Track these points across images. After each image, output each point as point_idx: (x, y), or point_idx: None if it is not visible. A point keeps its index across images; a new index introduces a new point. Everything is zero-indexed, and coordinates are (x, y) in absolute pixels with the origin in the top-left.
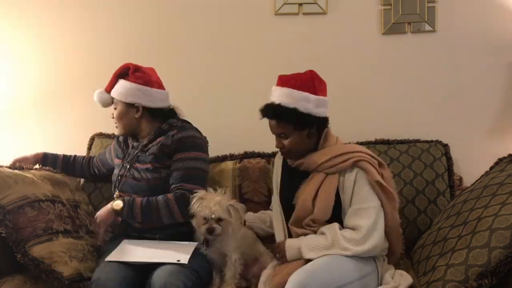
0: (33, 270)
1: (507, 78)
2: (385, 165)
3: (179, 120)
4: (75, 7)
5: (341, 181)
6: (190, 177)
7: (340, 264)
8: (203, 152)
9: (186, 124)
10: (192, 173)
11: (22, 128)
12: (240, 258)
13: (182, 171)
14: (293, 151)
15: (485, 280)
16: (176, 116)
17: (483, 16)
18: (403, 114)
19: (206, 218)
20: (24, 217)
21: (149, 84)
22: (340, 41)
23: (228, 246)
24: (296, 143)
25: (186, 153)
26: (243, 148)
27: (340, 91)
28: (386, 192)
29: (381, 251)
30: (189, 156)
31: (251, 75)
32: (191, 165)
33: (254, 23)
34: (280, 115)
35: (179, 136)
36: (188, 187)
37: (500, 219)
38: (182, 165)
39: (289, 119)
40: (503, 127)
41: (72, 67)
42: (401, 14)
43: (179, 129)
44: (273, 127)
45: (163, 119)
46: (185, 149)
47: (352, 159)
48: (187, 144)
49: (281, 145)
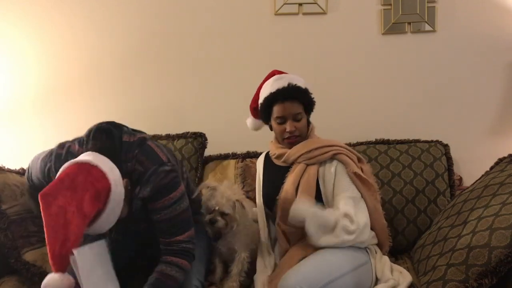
0: (25, 273)
1: (507, 78)
2: (363, 160)
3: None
4: (75, 6)
5: (321, 172)
6: (178, 225)
7: (330, 260)
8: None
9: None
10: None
11: (22, 127)
12: (248, 256)
13: (167, 222)
14: (302, 135)
15: (485, 280)
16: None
17: (483, 16)
18: (403, 114)
19: (212, 209)
20: (24, 230)
21: None
22: (340, 41)
23: (239, 242)
24: (304, 126)
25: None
26: (245, 147)
27: (340, 91)
28: (366, 184)
29: (368, 238)
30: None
31: (251, 75)
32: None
33: (254, 23)
34: (302, 94)
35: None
36: (182, 239)
37: (500, 219)
38: (164, 214)
39: (305, 99)
40: (503, 127)
41: (72, 67)
42: (401, 14)
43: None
44: (291, 108)
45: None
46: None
47: (331, 151)
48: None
49: (294, 128)
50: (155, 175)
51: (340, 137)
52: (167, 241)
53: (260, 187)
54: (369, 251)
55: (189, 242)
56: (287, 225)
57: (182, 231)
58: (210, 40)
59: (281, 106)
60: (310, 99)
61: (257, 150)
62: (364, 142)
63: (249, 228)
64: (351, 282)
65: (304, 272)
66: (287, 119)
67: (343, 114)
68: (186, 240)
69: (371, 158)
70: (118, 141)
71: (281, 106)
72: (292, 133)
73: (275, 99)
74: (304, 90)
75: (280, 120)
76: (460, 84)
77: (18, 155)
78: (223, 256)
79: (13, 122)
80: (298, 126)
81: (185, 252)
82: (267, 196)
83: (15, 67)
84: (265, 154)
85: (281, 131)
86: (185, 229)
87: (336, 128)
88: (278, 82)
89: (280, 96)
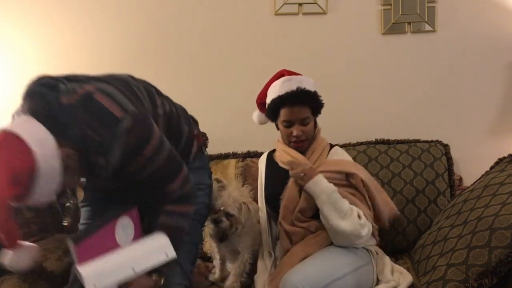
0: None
1: (507, 78)
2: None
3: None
4: (75, 6)
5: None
6: (166, 174)
7: (332, 260)
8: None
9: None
10: (164, 170)
11: None
12: (250, 258)
13: (151, 178)
14: (309, 139)
15: (485, 280)
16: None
17: (483, 16)
18: (403, 114)
19: (217, 208)
20: (21, 218)
21: None
22: (340, 41)
23: (242, 244)
24: (312, 130)
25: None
26: (245, 147)
27: (340, 91)
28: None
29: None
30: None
31: (251, 75)
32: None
33: (254, 23)
34: (311, 99)
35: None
36: (175, 187)
37: (501, 219)
38: (145, 173)
39: (314, 102)
40: (503, 127)
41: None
42: (401, 14)
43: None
44: (299, 113)
45: None
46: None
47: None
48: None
49: (302, 133)
50: (115, 140)
51: (340, 137)
52: (160, 195)
53: (262, 186)
54: (370, 251)
55: (184, 185)
56: (289, 225)
57: (172, 178)
58: (210, 40)
59: (288, 110)
60: (319, 102)
61: (257, 150)
62: (364, 142)
63: (253, 229)
64: (352, 282)
65: (306, 271)
66: (294, 123)
67: (343, 114)
68: (180, 185)
69: (371, 158)
70: (55, 106)
71: (289, 110)
72: (299, 138)
73: (283, 103)
74: (313, 94)
75: (287, 123)
76: (460, 84)
77: None
78: (225, 257)
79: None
80: (305, 130)
81: (184, 197)
82: (270, 195)
83: (15, 67)
84: (267, 153)
85: (288, 134)
86: (175, 174)
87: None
88: (287, 85)
89: (288, 100)
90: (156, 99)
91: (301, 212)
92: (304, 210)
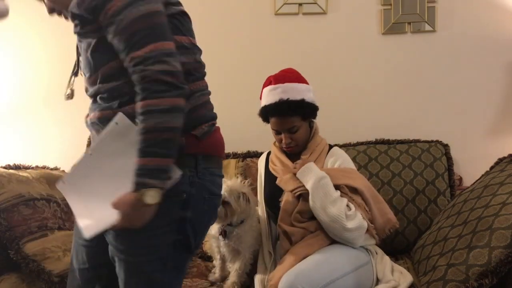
0: (24, 268)
1: (507, 78)
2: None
3: None
4: None
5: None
6: (139, 37)
7: (331, 260)
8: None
9: None
10: (140, 29)
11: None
12: (251, 258)
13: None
14: (300, 144)
15: (485, 280)
16: None
17: (483, 16)
18: (403, 114)
19: None
20: (18, 215)
21: None
22: (340, 41)
23: (244, 244)
24: (303, 135)
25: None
26: (246, 147)
27: (340, 91)
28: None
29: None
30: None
31: (250, 75)
32: (131, 16)
33: (254, 23)
34: (294, 109)
35: None
36: (141, 54)
37: (501, 219)
38: (119, 24)
39: (300, 111)
40: (503, 127)
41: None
42: (401, 14)
43: None
44: (284, 124)
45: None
46: None
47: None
48: None
49: (290, 140)
50: None
51: (340, 137)
52: (126, 65)
53: (262, 186)
54: (369, 251)
55: (155, 60)
56: (288, 225)
57: (141, 44)
58: (210, 40)
59: (275, 120)
60: (307, 108)
61: (257, 150)
62: (364, 142)
63: (254, 229)
64: (352, 282)
65: (305, 271)
66: (281, 131)
67: (343, 114)
68: (149, 56)
69: (371, 158)
70: None
71: (275, 120)
72: (288, 145)
73: (269, 113)
74: (299, 102)
75: (276, 132)
76: (460, 84)
77: (17, 154)
78: (225, 256)
79: (11, 122)
80: (294, 138)
81: (154, 81)
82: (269, 195)
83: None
84: (266, 153)
85: (279, 140)
86: (148, 40)
87: (336, 128)
88: (271, 94)
89: (272, 111)
90: None
91: (300, 214)
92: (303, 212)
